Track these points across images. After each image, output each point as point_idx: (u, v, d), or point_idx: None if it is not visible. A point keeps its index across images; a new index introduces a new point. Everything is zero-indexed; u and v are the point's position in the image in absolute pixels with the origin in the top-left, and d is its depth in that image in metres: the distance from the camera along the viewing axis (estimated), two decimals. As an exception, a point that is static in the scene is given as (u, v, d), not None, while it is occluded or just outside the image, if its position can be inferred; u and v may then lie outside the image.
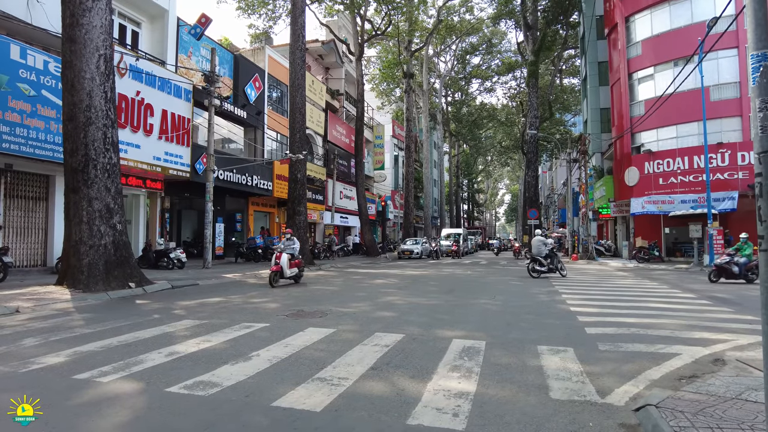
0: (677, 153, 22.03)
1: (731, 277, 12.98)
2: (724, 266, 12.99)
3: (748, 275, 12.97)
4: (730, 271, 12.95)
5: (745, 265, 12.95)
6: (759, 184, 2.58)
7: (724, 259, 13.16)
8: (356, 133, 30.01)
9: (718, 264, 13.17)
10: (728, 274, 13.00)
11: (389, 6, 29.20)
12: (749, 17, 2.61)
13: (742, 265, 12.93)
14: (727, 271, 12.99)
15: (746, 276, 12.97)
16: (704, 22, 18.23)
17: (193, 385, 3.82)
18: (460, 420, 3.19)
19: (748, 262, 13.00)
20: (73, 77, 9.77)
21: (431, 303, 8.97)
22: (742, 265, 12.93)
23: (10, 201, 13.08)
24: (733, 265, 12.93)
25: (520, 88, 46.61)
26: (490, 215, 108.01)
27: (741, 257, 13.03)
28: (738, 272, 12.89)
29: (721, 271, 13.10)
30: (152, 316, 7.14)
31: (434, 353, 4.97)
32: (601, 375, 4.26)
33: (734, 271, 12.91)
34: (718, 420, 3.10)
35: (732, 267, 12.92)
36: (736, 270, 12.89)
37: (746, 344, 5.46)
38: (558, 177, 60.02)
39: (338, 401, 3.53)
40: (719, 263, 13.17)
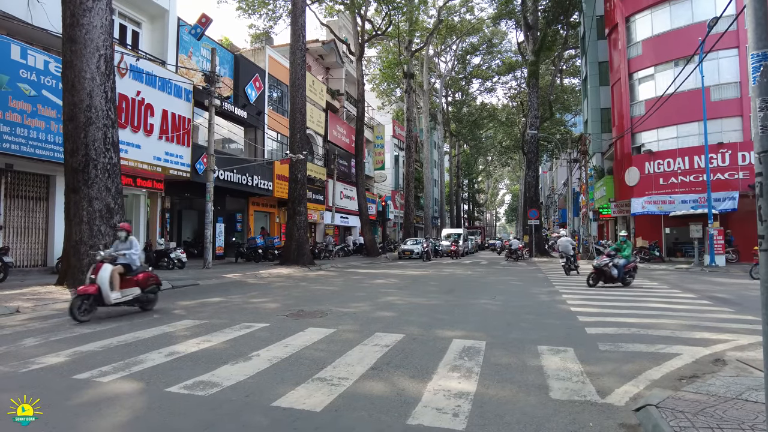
0: (678, 153, 22.01)
1: (609, 280, 11.58)
2: (603, 269, 11.46)
3: (626, 278, 11.74)
4: (609, 274, 11.45)
5: (624, 267, 11.62)
6: (759, 184, 2.57)
7: (603, 260, 11.57)
8: (357, 133, 30.01)
9: (597, 266, 11.62)
10: (606, 277, 11.54)
11: (389, 6, 29.19)
12: (749, 17, 2.61)
13: (621, 267, 11.53)
14: (605, 274, 11.49)
15: (623, 279, 11.67)
16: (705, 22, 18.22)
17: (193, 385, 3.82)
18: (460, 420, 3.19)
19: (626, 263, 11.68)
20: (74, 77, 9.77)
21: (431, 303, 8.97)
22: (620, 267, 11.52)
23: (11, 201, 13.08)
24: (612, 268, 11.42)
25: (520, 88, 46.60)
26: (490, 215, 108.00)
27: (620, 258, 11.60)
28: (617, 275, 11.46)
29: (600, 274, 11.63)
30: (152, 315, 7.15)
31: (434, 353, 4.97)
32: (601, 375, 4.26)
33: (613, 274, 11.42)
34: (718, 420, 3.10)
35: (611, 270, 11.40)
36: (615, 273, 11.42)
37: (747, 344, 5.46)
38: (558, 177, 60.03)
39: (338, 401, 3.53)
40: (597, 265, 11.61)
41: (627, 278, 11.81)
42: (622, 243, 12.06)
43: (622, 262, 11.59)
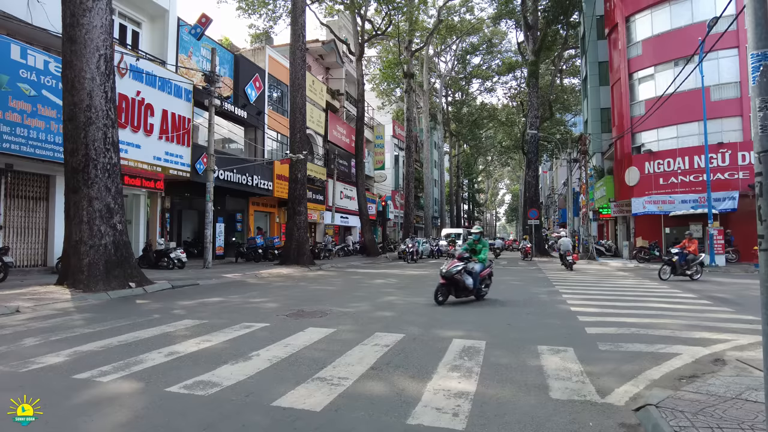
0: (678, 153, 22.01)
1: (462, 292, 8.78)
2: (455, 277, 8.56)
3: (481, 289, 9.15)
4: (462, 284, 8.63)
5: (480, 273, 8.98)
6: (759, 184, 2.57)
7: (455, 266, 8.53)
8: (357, 133, 30.01)
9: (447, 275, 8.52)
10: (459, 288, 8.71)
11: (389, 6, 29.19)
12: (749, 16, 2.61)
13: (476, 274, 8.82)
14: (458, 284, 8.64)
15: (478, 291, 9.09)
16: (704, 22, 18.23)
17: (193, 385, 3.82)
18: (460, 420, 3.19)
19: (482, 268, 9.08)
20: (74, 77, 9.77)
21: (431, 302, 8.96)
22: (476, 275, 8.81)
23: (11, 201, 13.08)
24: (466, 276, 8.64)
25: (520, 88, 46.59)
26: (490, 215, 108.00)
27: (476, 263, 8.91)
28: (471, 285, 8.69)
29: (450, 285, 8.67)
30: (152, 315, 7.15)
31: (434, 353, 4.97)
32: (601, 375, 4.26)
33: (467, 285, 8.64)
34: (718, 420, 3.10)
35: (464, 278, 8.61)
36: (469, 282, 8.64)
37: (746, 344, 5.46)
38: (558, 177, 60.05)
39: (338, 401, 3.53)
40: (447, 273, 8.50)
41: (483, 289, 9.27)
42: (476, 242, 9.35)
43: (477, 268, 8.87)
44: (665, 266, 13.82)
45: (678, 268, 13.68)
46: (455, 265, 8.57)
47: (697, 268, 13.85)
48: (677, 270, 13.67)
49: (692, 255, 13.81)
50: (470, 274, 8.77)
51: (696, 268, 13.84)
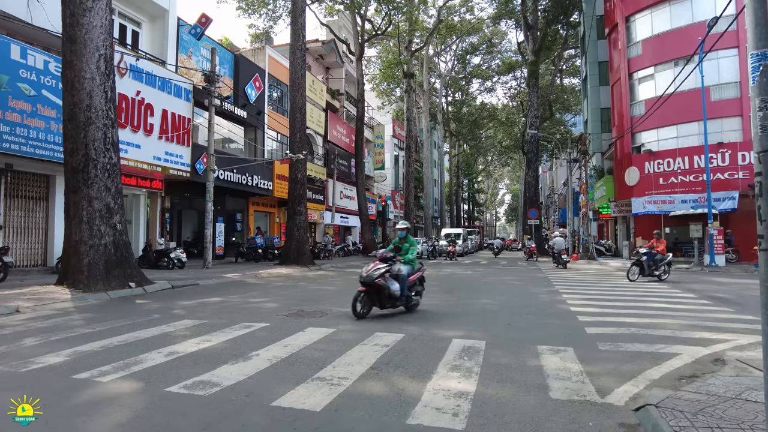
0: (678, 153, 22.01)
1: (389, 302, 7.22)
2: (378, 282, 6.96)
3: (411, 298, 7.55)
4: (387, 291, 7.10)
5: (408, 277, 7.41)
6: (759, 184, 2.57)
7: (377, 269, 7.00)
8: (356, 132, 30.02)
9: (367, 281, 6.94)
10: (383, 296, 7.12)
11: (389, 6, 29.20)
12: (749, 16, 2.61)
13: (404, 278, 7.30)
14: (381, 291, 7.06)
15: (408, 300, 7.47)
16: (704, 21, 18.22)
17: (193, 385, 3.82)
18: (459, 420, 3.19)
19: (411, 271, 7.54)
20: (74, 77, 9.77)
21: (431, 302, 8.95)
22: (404, 279, 7.29)
23: (11, 201, 13.08)
24: (391, 281, 7.14)
25: (520, 87, 46.60)
26: (490, 215, 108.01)
27: (402, 264, 7.41)
28: (398, 293, 7.18)
29: (374, 291, 7.07)
30: (152, 315, 7.14)
31: (434, 353, 4.97)
32: (601, 375, 4.26)
33: (393, 292, 7.12)
34: (718, 420, 3.10)
35: (390, 284, 7.10)
36: (395, 289, 7.12)
37: (746, 344, 5.46)
38: (558, 177, 60.04)
39: (338, 401, 3.53)
40: (368, 279, 6.92)
41: (413, 297, 7.64)
42: (402, 240, 7.81)
43: (405, 271, 7.34)
44: (633, 266, 13.52)
45: (646, 269, 13.35)
46: (377, 268, 7.02)
47: (665, 268, 13.52)
48: (645, 271, 13.35)
49: (660, 255, 13.47)
50: (396, 278, 7.21)
51: (664, 268, 13.50)
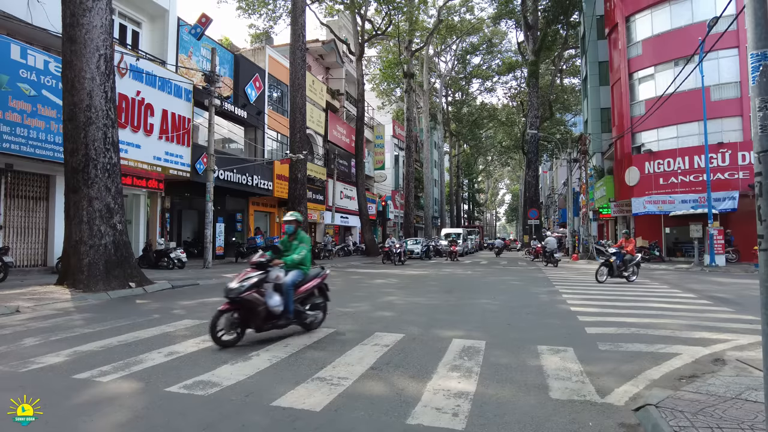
0: (678, 153, 22.01)
1: (268, 321, 5.40)
2: (248, 298, 5.18)
3: (304, 315, 5.79)
4: (262, 308, 5.26)
5: (294, 289, 5.63)
6: (759, 184, 2.57)
7: (248, 278, 5.32)
8: (357, 132, 30.01)
9: (234, 295, 5.17)
10: (257, 314, 5.26)
11: (389, 6, 29.20)
12: (749, 16, 2.61)
13: (289, 288, 5.55)
14: (254, 309, 5.24)
15: (300, 316, 5.74)
16: (705, 21, 18.22)
17: (192, 385, 3.82)
18: (459, 420, 3.19)
19: (301, 278, 5.79)
20: (74, 77, 9.77)
21: (431, 303, 8.97)
22: (288, 290, 5.53)
23: (11, 201, 13.08)
24: (271, 294, 5.38)
25: (520, 87, 46.62)
26: (490, 215, 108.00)
27: (283, 272, 5.60)
28: (278, 309, 5.38)
29: (243, 309, 5.24)
30: (152, 315, 7.15)
31: (434, 353, 4.97)
32: (601, 375, 4.26)
33: (272, 307, 5.33)
34: (717, 420, 3.10)
35: (268, 297, 5.32)
36: (274, 303, 5.35)
37: (746, 344, 5.45)
38: (558, 177, 60.02)
39: (338, 401, 3.53)
40: (234, 293, 5.17)
41: (307, 313, 5.84)
42: (291, 237, 5.99)
43: (290, 279, 5.58)
44: (602, 267, 13.03)
45: (615, 270, 12.86)
46: (247, 277, 5.23)
47: (633, 269, 13.09)
48: (614, 272, 12.88)
49: (630, 255, 13.03)
50: (278, 290, 5.39)
51: (632, 269, 13.08)
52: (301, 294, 5.76)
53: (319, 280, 6.11)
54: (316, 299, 6.11)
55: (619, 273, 12.96)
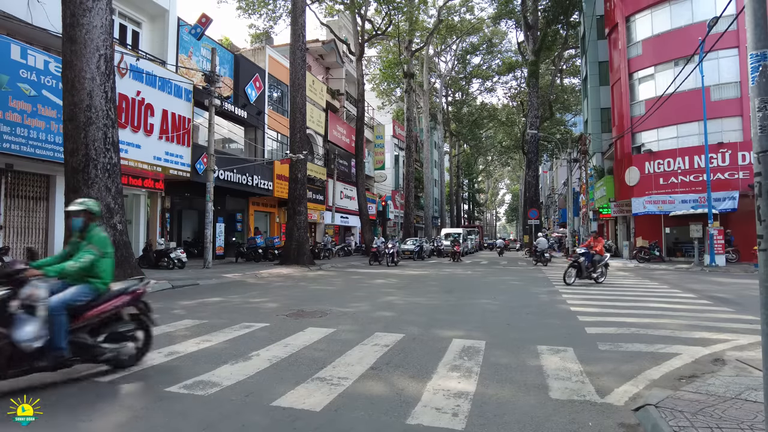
0: (678, 153, 22.01)
1: (21, 363, 3.55)
2: None
3: (99, 347, 3.96)
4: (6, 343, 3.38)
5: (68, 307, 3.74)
6: (758, 184, 2.58)
7: None
8: (357, 132, 30.01)
9: None
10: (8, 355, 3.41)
11: (389, 6, 29.19)
12: (749, 17, 2.61)
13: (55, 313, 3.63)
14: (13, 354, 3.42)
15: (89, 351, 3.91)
16: (705, 21, 18.21)
17: (192, 385, 3.83)
18: (459, 420, 3.20)
19: (80, 297, 3.86)
20: (74, 77, 9.78)
21: (431, 303, 8.97)
22: (54, 316, 3.62)
23: (11, 201, 13.08)
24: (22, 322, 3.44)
25: (520, 87, 46.59)
26: (490, 215, 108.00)
27: (46, 286, 3.70)
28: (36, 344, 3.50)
29: None
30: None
31: (434, 353, 4.98)
32: (600, 375, 4.26)
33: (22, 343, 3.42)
34: (717, 420, 3.10)
35: (16, 329, 3.40)
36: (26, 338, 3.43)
37: (746, 344, 5.46)
38: (558, 177, 60.03)
39: (338, 401, 3.53)
40: None
41: (99, 348, 3.98)
42: (81, 235, 4.15)
43: (55, 302, 3.69)
44: (570, 269, 12.30)
45: (584, 271, 12.25)
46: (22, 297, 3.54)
47: (602, 270, 12.59)
48: (583, 273, 12.25)
49: (599, 255, 12.48)
50: (32, 313, 3.56)
51: (601, 270, 12.55)
52: (89, 319, 3.93)
53: (128, 298, 4.20)
54: (123, 326, 4.23)
55: (587, 274, 12.36)
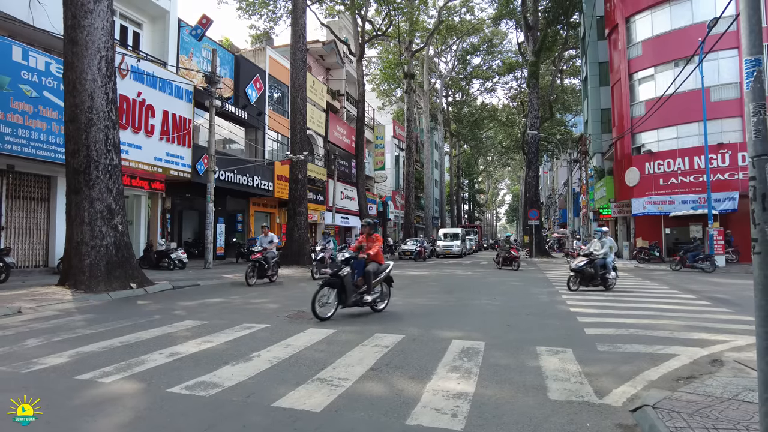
0: (678, 153, 22.01)
1: None
2: None
3: None
4: None
5: None
6: (752, 188, 2.60)
7: None
8: (357, 133, 30.04)
9: None
10: None
11: (390, 6, 29.22)
12: (743, 23, 2.64)
13: None
14: None
15: None
16: (705, 22, 18.21)
17: (194, 386, 3.86)
18: (458, 420, 3.22)
19: None
20: (75, 79, 9.81)
21: (431, 303, 9.00)
22: None
23: (12, 202, 13.12)
24: None
25: (520, 88, 46.57)
26: (491, 215, 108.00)
27: None
28: None
29: None
30: (153, 316, 7.18)
31: (433, 354, 5.00)
32: (599, 376, 4.29)
33: None
34: (714, 420, 3.13)
35: None
36: None
37: (744, 345, 5.48)
38: (559, 177, 60.06)
39: (338, 402, 3.56)
40: None
41: None
42: None
43: None
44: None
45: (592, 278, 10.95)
46: None
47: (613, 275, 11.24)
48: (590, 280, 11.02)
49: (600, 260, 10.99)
50: None
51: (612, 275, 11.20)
52: None
53: None
54: None
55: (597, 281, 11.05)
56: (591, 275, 10.88)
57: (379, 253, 7.80)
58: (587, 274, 10.89)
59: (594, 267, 10.87)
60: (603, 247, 11.14)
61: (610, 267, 11.05)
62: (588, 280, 10.92)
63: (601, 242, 11.35)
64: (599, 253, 11.05)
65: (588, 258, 11.03)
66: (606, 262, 11.00)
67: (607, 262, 11.00)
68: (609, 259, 11.07)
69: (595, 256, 11.03)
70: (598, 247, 11.26)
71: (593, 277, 10.88)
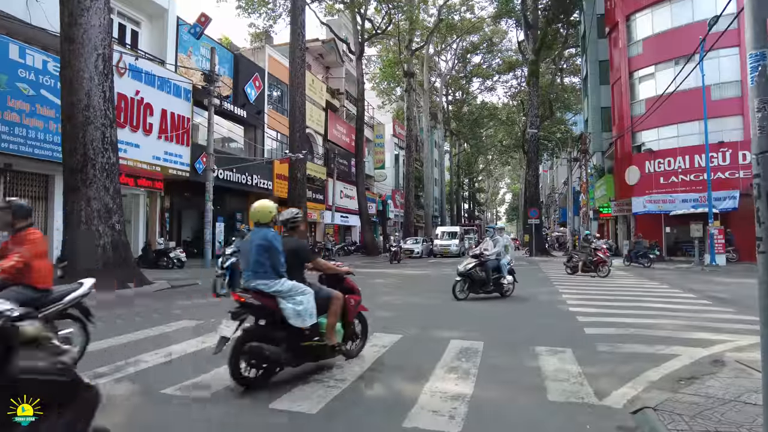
0: (678, 152, 21.96)
1: None
2: None
3: None
4: None
5: None
6: (757, 186, 2.55)
7: None
8: (356, 132, 29.98)
9: None
10: None
11: (390, 5, 29.16)
12: (748, 16, 2.58)
13: None
14: None
15: None
16: (705, 20, 18.15)
17: (190, 386, 3.81)
18: (456, 422, 3.17)
19: None
20: (72, 77, 9.75)
21: (430, 303, 8.95)
22: None
23: (10, 201, 13.06)
24: None
25: (520, 86, 46.48)
26: (491, 214, 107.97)
27: None
28: None
29: None
30: (151, 316, 7.13)
31: (432, 354, 4.95)
32: (599, 376, 4.23)
33: None
34: (716, 423, 3.07)
35: None
36: None
37: (746, 345, 5.42)
38: (559, 176, 60.02)
39: (334, 403, 3.51)
40: None
41: None
42: None
43: None
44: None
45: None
46: None
47: None
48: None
49: None
50: None
51: None
52: None
53: None
54: None
55: None
56: (482, 280, 9.23)
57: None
58: (477, 279, 9.21)
59: (485, 270, 9.23)
60: (495, 247, 9.59)
61: (505, 270, 9.56)
62: (479, 285, 9.27)
63: (493, 241, 9.78)
64: (490, 254, 9.46)
65: (477, 260, 9.36)
66: (500, 264, 9.50)
67: (501, 264, 9.51)
68: (504, 260, 9.59)
69: (486, 257, 9.39)
70: (490, 247, 9.66)
71: (485, 283, 9.26)
